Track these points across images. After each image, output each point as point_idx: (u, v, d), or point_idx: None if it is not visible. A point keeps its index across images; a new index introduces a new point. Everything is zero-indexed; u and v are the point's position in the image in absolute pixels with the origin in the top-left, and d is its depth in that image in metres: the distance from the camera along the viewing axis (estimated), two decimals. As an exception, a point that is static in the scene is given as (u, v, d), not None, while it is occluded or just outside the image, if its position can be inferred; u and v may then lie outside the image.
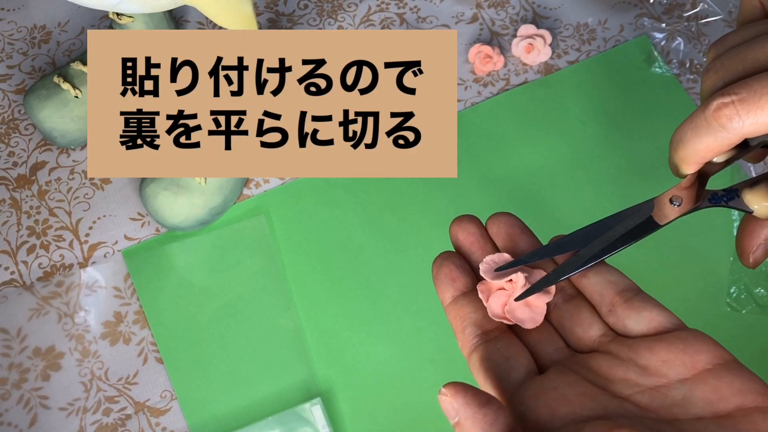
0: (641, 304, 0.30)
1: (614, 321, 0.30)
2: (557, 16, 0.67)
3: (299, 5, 0.67)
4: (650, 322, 0.29)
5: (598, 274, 0.31)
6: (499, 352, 0.30)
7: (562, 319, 0.31)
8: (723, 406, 0.26)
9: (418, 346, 0.55)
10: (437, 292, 0.33)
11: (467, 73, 0.64)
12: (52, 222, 0.59)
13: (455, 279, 0.32)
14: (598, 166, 0.61)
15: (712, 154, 0.29)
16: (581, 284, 0.32)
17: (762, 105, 0.26)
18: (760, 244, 0.33)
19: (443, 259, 0.33)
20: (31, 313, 0.56)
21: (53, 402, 0.54)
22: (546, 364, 0.30)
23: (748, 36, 0.29)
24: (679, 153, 0.30)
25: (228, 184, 0.57)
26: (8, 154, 0.61)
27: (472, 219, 0.34)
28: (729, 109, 0.27)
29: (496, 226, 0.34)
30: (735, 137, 0.27)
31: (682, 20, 0.66)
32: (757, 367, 0.58)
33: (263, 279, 0.57)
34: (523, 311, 0.31)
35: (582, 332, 0.30)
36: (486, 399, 0.26)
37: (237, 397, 0.54)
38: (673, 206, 0.32)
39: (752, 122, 0.27)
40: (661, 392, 0.27)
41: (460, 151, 0.61)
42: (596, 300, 0.31)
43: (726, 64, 0.29)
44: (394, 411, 0.54)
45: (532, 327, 0.31)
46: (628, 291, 0.30)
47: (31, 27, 0.66)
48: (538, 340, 0.31)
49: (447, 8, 0.67)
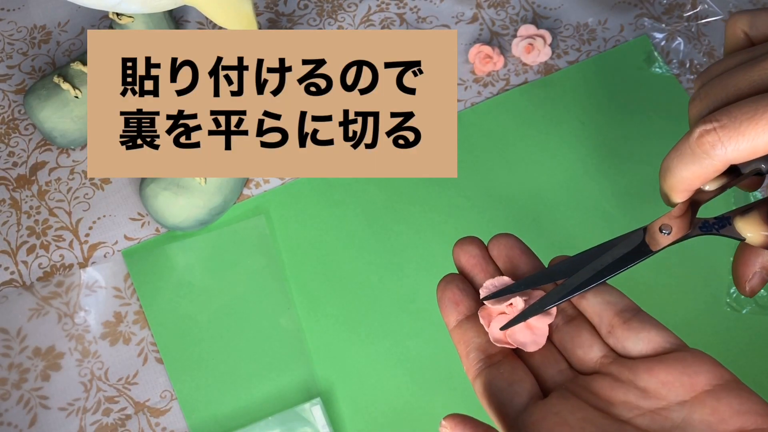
0: (639, 324, 0.30)
1: (614, 342, 0.30)
2: (557, 16, 0.67)
3: (299, 5, 0.67)
4: (649, 342, 0.29)
5: (596, 295, 0.31)
6: (503, 377, 0.30)
7: (564, 341, 0.31)
8: (723, 428, 0.26)
9: (418, 346, 0.55)
10: (442, 315, 0.33)
11: (467, 73, 0.64)
12: (52, 222, 0.59)
13: (459, 303, 0.33)
14: (597, 166, 0.61)
15: (699, 181, 0.29)
16: (581, 305, 0.32)
17: (742, 131, 0.27)
18: (756, 272, 0.33)
19: (447, 282, 0.33)
20: (31, 313, 0.56)
21: (53, 402, 0.54)
22: (549, 387, 0.30)
23: (731, 65, 0.30)
24: (668, 182, 0.30)
25: (228, 184, 0.57)
26: (8, 154, 0.61)
27: (473, 241, 0.34)
28: (711, 136, 0.27)
29: (497, 248, 0.34)
30: (719, 164, 0.28)
31: (682, 20, 0.66)
32: (757, 368, 0.58)
33: (263, 279, 0.57)
34: (525, 334, 0.31)
35: (583, 354, 0.30)
36: (484, 430, 0.27)
37: (237, 397, 0.54)
38: (662, 234, 0.32)
39: (734, 148, 0.27)
40: (661, 415, 0.27)
41: (460, 151, 0.61)
42: (596, 321, 0.31)
43: (710, 92, 0.29)
44: (394, 411, 0.54)
45: (534, 350, 0.31)
46: (627, 311, 0.30)
47: (31, 27, 0.66)
48: (541, 362, 0.31)
49: (447, 8, 0.67)
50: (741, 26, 0.32)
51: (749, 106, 0.27)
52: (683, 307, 0.56)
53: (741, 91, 0.28)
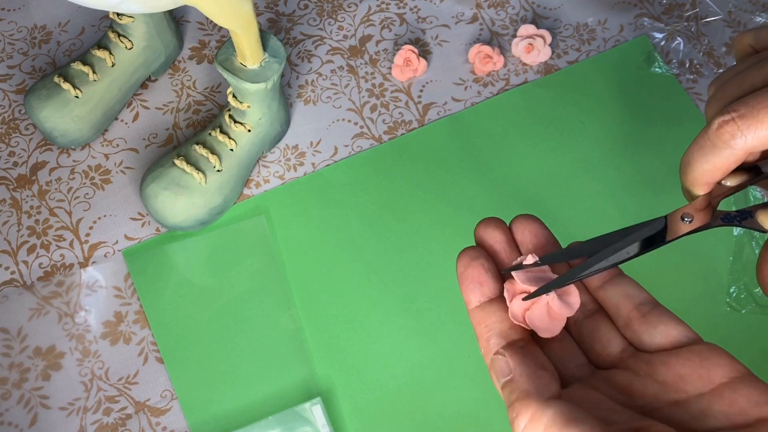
0: (657, 318, 0.30)
1: (631, 335, 0.30)
2: (557, 16, 0.67)
3: (299, 5, 0.67)
4: (666, 336, 0.29)
5: (615, 287, 0.31)
6: None
7: (582, 335, 0.31)
8: (742, 418, 0.26)
9: (418, 346, 0.55)
10: (462, 292, 0.32)
11: (467, 73, 0.64)
12: (53, 222, 0.59)
13: (483, 283, 0.31)
14: (597, 166, 0.61)
15: (720, 173, 0.30)
16: (599, 297, 0.32)
17: (761, 119, 0.27)
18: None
19: (471, 258, 0.32)
20: (32, 312, 0.56)
21: (53, 402, 0.54)
22: (568, 381, 0.30)
23: (743, 68, 0.31)
24: (689, 176, 0.31)
25: (228, 184, 0.57)
26: (9, 154, 0.61)
27: (498, 224, 0.33)
28: (730, 125, 0.28)
29: (520, 232, 0.33)
30: (740, 152, 0.28)
31: (682, 20, 0.66)
32: (757, 367, 0.58)
33: (263, 279, 0.57)
34: (543, 320, 0.31)
35: (601, 349, 0.30)
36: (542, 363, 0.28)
37: (237, 397, 0.54)
38: (684, 222, 0.33)
39: (754, 136, 0.28)
40: (681, 407, 0.27)
41: (461, 151, 0.61)
42: (613, 313, 0.31)
43: (726, 91, 0.30)
44: (394, 410, 0.54)
45: (547, 336, 0.31)
46: (645, 305, 0.30)
47: (31, 27, 0.66)
48: (561, 356, 0.31)
49: (447, 8, 0.67)
50: (747, 41, 0.33)
51: (766, 95, 0.27)
52: (683, 307, 0.56)
53: (755, 86, 0.29)
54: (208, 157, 0.56)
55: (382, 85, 0.64)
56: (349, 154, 0.61)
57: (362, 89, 0.64)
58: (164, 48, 0.62)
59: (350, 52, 0.65)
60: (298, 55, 0.65)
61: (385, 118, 0.63)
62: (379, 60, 0.65)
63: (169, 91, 0.64)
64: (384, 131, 0.62)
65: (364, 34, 0.66)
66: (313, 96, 0.64)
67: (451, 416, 0.54)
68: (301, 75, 0.64)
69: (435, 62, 0.65)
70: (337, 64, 0.65)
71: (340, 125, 0.62)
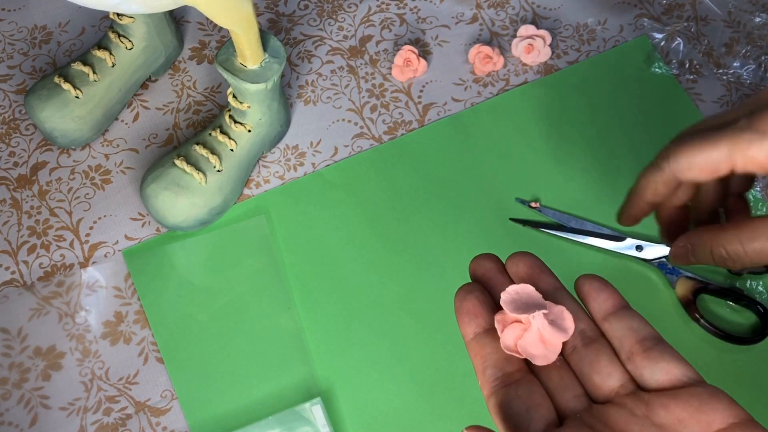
0: (659, 355, 0.30)
1: (632, 369, 0.30)
2: (557, 16, 0.67)
3: (299, 6, 0.67)
4: (667, 374, 0.29)
5: (620, 321, 0.31)
6: (521, 399, 0.29)
7: (582, 364, 0.31)
8: None
9: (418, 346, 0.55)
10: (459, 326, 0.32)
11: (467, 73, 0.64)
12: (53, 222, 0.59)
13: (477, 315, 0.32)
14: (597, 166, 0.61)
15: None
16: (603, 328, 0.32)
17: None
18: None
19: (466, 291, 0.32)
20: (32, 312, 0.56)
21: (54, 402, 0.54)
22: (564, 412, 0.30)
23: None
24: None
25: (228, 184, 0.57)
26: (9, 154, 0.61)
27: (490, 257, 0.34)
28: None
29: (515, 266, 0.34)
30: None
31: (682, 20, 0.66)
32: (746, 398, 0.58)
33: (263, 279, 0.57)
34: (537, 347, 0.30)
35: (600, 381, 0.30)
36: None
37: (237, 397, 0.54)
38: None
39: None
40: None
41: (461, 151, 0.61)
42: (616, 345, 0.31)
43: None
44: (394, 411, 0.54)
45: (543, 364, 0.31)
46: (649, 340, 0.30)
47: (31, 27, 0.66)
48: (558, 385, 0.31)
49: (447, 9, 0.67)
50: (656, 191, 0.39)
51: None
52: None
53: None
54: (209, 158, 0.56)
55: (382, 85, 0.64)
56: (349, 155, 0.61)
57: (362, 89, 0.64)
58: (164, 48, 0.62)
59: (350, 53, 0.65)
60: (298, 56, 0.65)
61: (385, 119, 0.63)
62: (379, 60, 0.65)
63: (169, 91, 0.64)
64: (384, 131, 0.62)
65: (364, 34, 0.66)
66: (313, 96, 0.64)
67: (451, 416, 0.54)
68: (301, 75, 0.64)
69: (435, 62, 0.65)
70: (337, 65, 0.65)
71: (340, 125, 0.62)
